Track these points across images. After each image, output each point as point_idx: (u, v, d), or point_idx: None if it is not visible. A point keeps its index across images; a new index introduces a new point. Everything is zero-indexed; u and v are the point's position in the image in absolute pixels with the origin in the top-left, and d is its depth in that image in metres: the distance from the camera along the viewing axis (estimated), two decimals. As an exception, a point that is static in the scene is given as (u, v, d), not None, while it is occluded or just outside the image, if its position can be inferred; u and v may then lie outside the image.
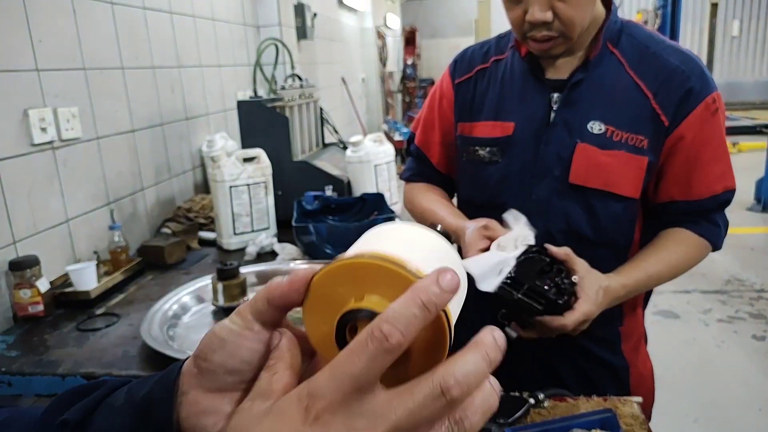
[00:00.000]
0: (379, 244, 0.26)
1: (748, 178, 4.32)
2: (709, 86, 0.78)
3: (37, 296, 1.10)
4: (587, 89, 0.80)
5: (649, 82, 0.78)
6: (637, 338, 0.92)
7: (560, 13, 0.74)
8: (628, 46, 0.81)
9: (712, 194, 0.81)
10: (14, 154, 1.14)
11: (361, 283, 0.25)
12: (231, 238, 1.50)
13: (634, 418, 0.73)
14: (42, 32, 1.22)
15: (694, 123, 0.78)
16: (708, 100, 0.78)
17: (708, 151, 0.80)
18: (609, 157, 0.79)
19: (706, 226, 0.84)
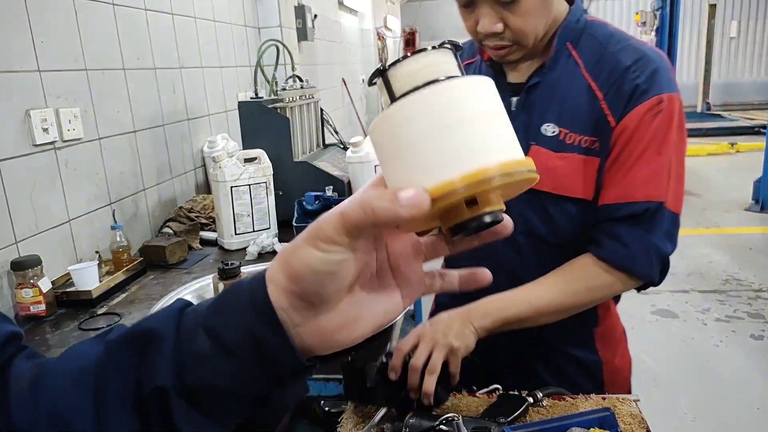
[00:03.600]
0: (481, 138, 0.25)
1: (745, 178, 4.34)
2: (658, 86, 0.74)
3: (39, 296, 1.10)
4: (542, 92, 0.79)
5: (602, 83, 0.76)
6: (616, 336, 0.92)
7: (510, 24, 0.73)
8: (588, 46, 0.79)
9: (628, 200, 0.74)
10: (16, 154, 1.14)
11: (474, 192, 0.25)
12: (232, 238, 1.51)
13: (633, 417, 0.73)
14: (44, 33, 1.22)
15: (633, 120, 0.74)
16: (653, 100, 0.74)
17: (637, 152, 0.74)
18: (561, 159, 0.77)
19: (609, 244, 0.75)
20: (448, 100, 0.25)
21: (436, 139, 0.24)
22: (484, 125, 0.25)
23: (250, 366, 0.27)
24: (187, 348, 0.27)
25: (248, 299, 0.27)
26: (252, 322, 0.26)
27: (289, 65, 2.03)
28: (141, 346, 0.28)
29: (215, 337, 0.27)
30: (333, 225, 0.25)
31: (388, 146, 0.26)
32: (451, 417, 0.67)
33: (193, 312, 0.29)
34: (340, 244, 0.25)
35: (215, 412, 0.28)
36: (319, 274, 0.25)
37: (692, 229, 3.74)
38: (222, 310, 0.28)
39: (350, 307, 0.28)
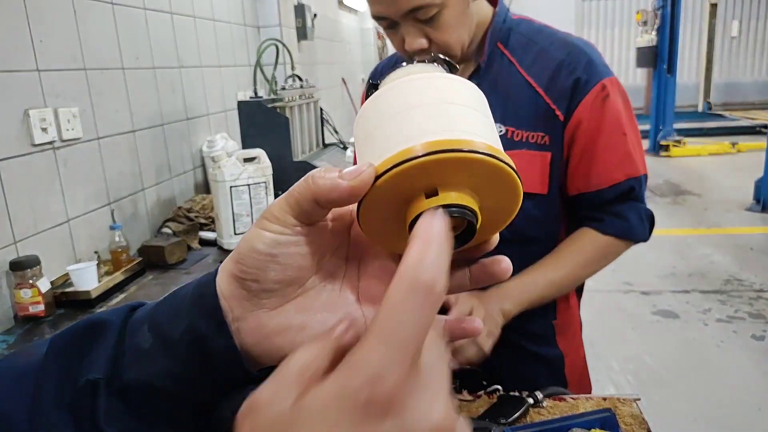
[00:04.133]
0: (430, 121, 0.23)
1: (747, 178, 4.33)
2: (596, 74, 0.78)
3: (38, 296, 1.10)
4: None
5: (539, 79, 0.79)
6: (573, 329, 0.93)
7: (434, 39, 0.75)
8: (517, 43, 0.81)
9: (612, 183, 0.80)
10: (15, 154, 1.14)
11: (432, 176, 0.23)
12: (231, 238, 1.51)
13: (634, 418, 0.73)
14: (43, 32, 1.22)
15: (584, 112, 0.78)
16: (597, 87, 0.78)
17: (602, 138, 0.79)
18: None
19: (610, 221, 0.82)
20: (409, 88, 0.25)
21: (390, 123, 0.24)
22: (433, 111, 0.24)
23: (189, 364, 0.25)
24: (128, 342, 0.26)
25: (194, 291, 0.26)
26: (194, 316, 0.25)
27: (289, 65, 2.02)
28: (85, 338, 0.27)
29: (157, 331, 0.25)
30: (279, 203, 0.24)
31: (357, 141, 0.26)
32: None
33: (144, 308, 0.27)
34: (284, 222, 0.24)
35: (146, 413, 0.26)
36: (259, 254, 0.24)
37: (693, 229, 3.73)
38: (167, 304, 0.26)
39: (297, 311, 0.25)
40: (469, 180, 0.23)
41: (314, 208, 0.23)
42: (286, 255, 0.24)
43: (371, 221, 0.25)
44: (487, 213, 0.24)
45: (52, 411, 0.25)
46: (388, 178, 0.22)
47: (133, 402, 0.25)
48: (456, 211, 0.23)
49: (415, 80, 0.25)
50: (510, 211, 0.26)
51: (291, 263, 0.24)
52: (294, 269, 0.25)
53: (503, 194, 0.24)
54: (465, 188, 0.23)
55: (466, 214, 0.23)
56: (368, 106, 0.26)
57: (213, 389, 0.26)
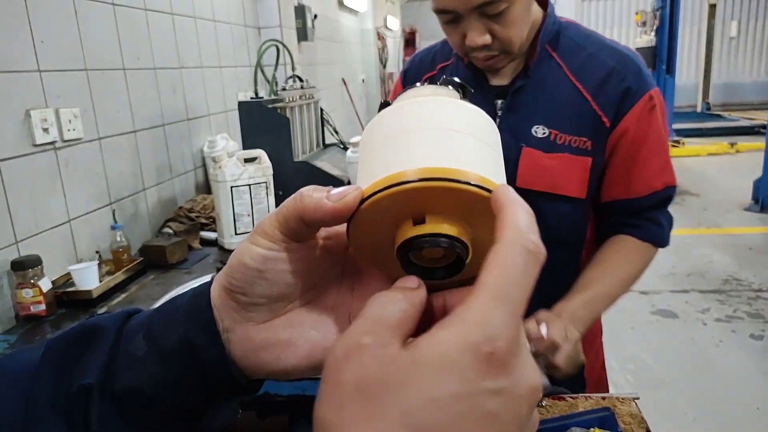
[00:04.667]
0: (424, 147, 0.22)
1: (745, 178, 4.34)
2: (645, 84, 0.80)
3: (39, 296, 1.10)
4: (529, 94, 0.82)
5: (588, 85, 0.80)
6: (594, 332, 0.94)
7: (498, 35, 0.75)
8: (566, 48, 0.82)
9: (651, 191, 0.83)
10: (16, 154, 1.14)
11: (420, 203, 0.22)
12: (232, 237, 1.51)
13: (633, 417, 0.73)
14: (44, 33, 1.22)
15: (632, 120, 0.80)
16: (645, 97, 0.79)
17: (646, 147, 0.81)
18: (553, 159, 0.81)
19: (648, 227, 0.84)
20: (409, 112, 0.24)
21: (381, 148, 0.24)
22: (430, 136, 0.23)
23: (182, 373, 0.25)
24: (123, 348, 0.26)
25: (188, 301, 0.26)
26: (188, 325, 0.25)
27: (289, 65, 2.03)
28: (81, 343, 0.27)
29: (151, 339, 0.26)
30: (269, 219, 0.24)
31: (359, 161, 0.26)
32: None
33: (140, 315, 0.28)
34: (272, 238, 0.24)
35: (138, 420, 0.26)
36: (247, 268, 0.24)
37: (692, 229, 3.74)
38: (163, 313, 0.27)
39: (285, 327, 0.25)
40: (460, 210, 0.22)
41: (301, 227, 0.23)
42: (273, 271, 0.24)
43: (361, 242, 0.24)
44: (481, 246, 0.23)
45: (46, 415, 0.25)
46: (372, 202, 0.22)
47: (126, 408, 0.25)
48: (444, 241, 0.22)
49: (419, 103, 0.25)
50: None
51: (278, 279, 0.24)
52: (281, 285, 0.25)
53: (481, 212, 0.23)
54: (456, 218, 0.22)
55: (456, 246, 0.22)
56: (370, 127, 0.26)
57: (204, 398, 0.26)
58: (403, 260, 0.23)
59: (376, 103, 6.17)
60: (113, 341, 0.26)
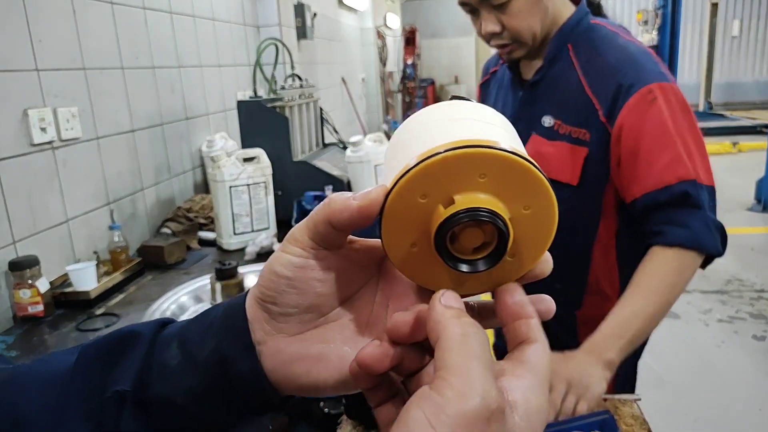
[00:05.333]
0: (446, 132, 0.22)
1: (748, 178, 4.32)
2: (644, 78, 0.80)
3: (37, 296, 1.10)
4: (543, 88, 0.90)
5: (592, 82, 0.84)
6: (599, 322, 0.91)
7: (506, 25, 0.84)
8: (583, 48, 0.87)
9: (664, 185, 0.79)
10: (14, 154, 1.14)
11: (447, 182, 0.21)
12: (231, 238, 1.51)
13: (635, 419, 0.73)
14: (42, 32, 1.22)
15: (626, 115, 0.80)
16: (643, 90, 0.79)
17: (646, 140, 0.79)
18: (552, 147, 0.87)
19: (671, 230, 0.79)
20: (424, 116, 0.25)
21: (403, 148, 0.23)
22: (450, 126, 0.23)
23: (213, 384, 0.25)
24: (157, 357, 0.26)
25: (224, 312, 0.26)
26: (222, 337, 0.25)
27: (289, 64, 2.02)
28: (116, 350, 0.27)
29: (185, 349, 0.26)
30: (299, 227, 0.25)
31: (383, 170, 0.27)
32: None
33: (175, 325, 0.28)
34: (302, 245, 0.24)
35: (166, 429, 0.26)
36: (277, 276, 0.24)
37: (694, 228, 3.73)
38: (198, 324, 0.27)
39: (316, 341, 0.25)
40: (487, 183, 0.21)
41: (330, 231, 0.23)
42: (303, 279, 0.24)
43: (395, 246, 0.23)
44: (520, 224, 0.22)
45: (77, 421, 0.26)
46: (398, 190, 0.21)
47: (156, 418, 0.26)
48: (480, 214, 0.21)
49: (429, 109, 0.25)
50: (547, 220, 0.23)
51: (308, 289, 0.24)
52: (311, 295, 0.25)
53: (532, 199, 0.22)
54: (485, 191, 0.21)
55: (492, 218, 0.21)
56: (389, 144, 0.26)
57: (235, 412, 0.26)
58: (444, 253, 0.22)
59: (376, 102, 6.17)
60: (147, 349, 0.26)
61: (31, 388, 0.27)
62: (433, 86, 9.68)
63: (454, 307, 0.22)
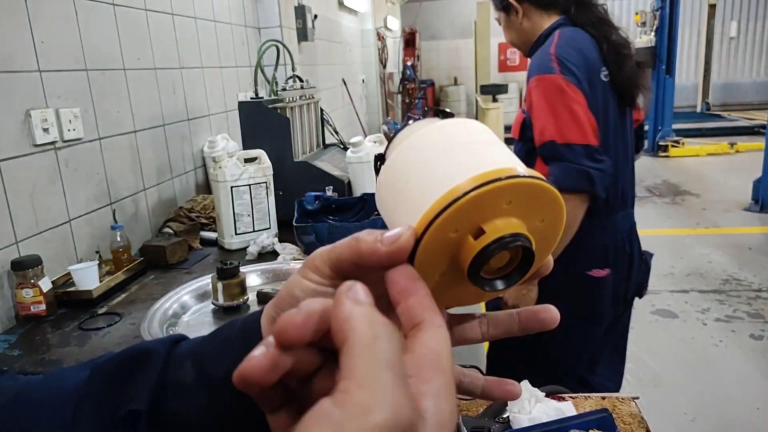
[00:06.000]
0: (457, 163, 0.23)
1: (745, 178, 4.34)
2: (533, 72, 1.18)
3: (39, 296, 1.10)
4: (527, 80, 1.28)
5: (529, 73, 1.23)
6: None
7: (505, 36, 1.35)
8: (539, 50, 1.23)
9: (541, 141, 1.15)
10: (16, 154, 1.15)
11: (475, 216, 0.22)
12: (232, 238, 1.51)
13: (633, 417, 0.74)
14: (44, 33, 1.22)
15: (527, 96, 1.21)
16: (531, 81, 1.17)
17: (533, 113, 1.18)
18: (517, 115, 1.29)
19: (550, 173, 1.14)
20: (422, 143, 0.25)
21: (416, 180, 0.24)
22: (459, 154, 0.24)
23: (230, 403, 0.24)
24: (172, 375, 0.26)
25: (240, 330, 0.26)
26: (238, 354, 0.24)
27: (289, 65, 2.03)
28: (129, 368, 0.27)
29: (200, 368, 0.25)
30: (321, 254, 0.24)
31: (384, 200, 0.26)
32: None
33: (189, 342, 0.28)
34: (321, 273, 0.24)
35: None
36: (296, 300, 0.24)
37: (692, 228, 3.74)
38: (213, 341, 0.26)
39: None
40: (511, 208, 0.23)
41: (354, 269, 0.23)
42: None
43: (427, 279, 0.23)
44: (535, 234, 0.24)
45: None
46: (431, 234, 0.22)
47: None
48: (510, 240, 0.22)
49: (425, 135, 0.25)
50: (556, 227, 0.25)
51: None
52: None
53: (547, 212, 0.24)
54: (509, 216, 0.23)
55: (521, 240, 0.23)
56: (386, 172, 0.26)
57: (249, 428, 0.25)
58: (476, 279, 0.23)
59: (376, 103, 6.17)
60: (162, 367, 0.26)
61: (42, 406, 0.26)
62: (433, 87, 9.69)
63: (364, 303, 0.19)
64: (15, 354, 1.00)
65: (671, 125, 6.19)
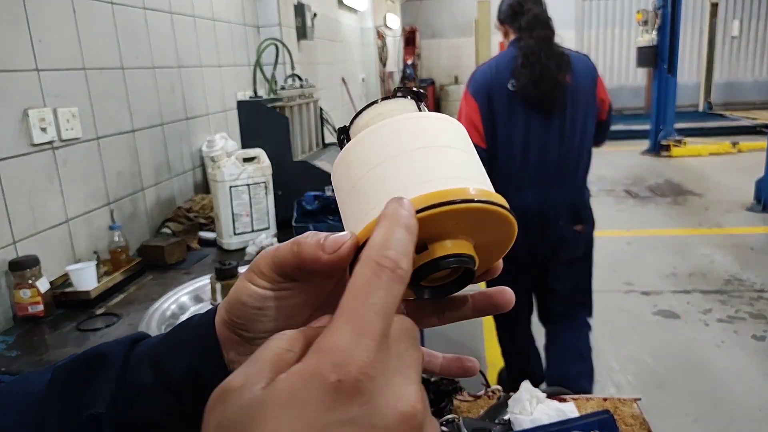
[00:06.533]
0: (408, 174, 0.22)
1: (747, 178, 4.32)
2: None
3: (37, 296, 1.10)
4: None
5: None
6: None
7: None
8: None
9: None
10: (14, 154, 1.14)
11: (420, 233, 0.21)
12: (231, 238, 1.51)
13: (635, 418, 0.73)
14: (42, 32, 1.22)
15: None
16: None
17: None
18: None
19: None
20: (388, 136, 0.24)
21: (371, 177, 0.23)
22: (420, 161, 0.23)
23: (190, 402, 0.25)
24: (130, 377, 0.26)
25: (195, 332, 0.26)
26: (195, 356, 0.25)
27: (289, 64, 2.02)
28: (87, 370, 0.27)
29: (158, 369, 0.26)
30: (265, 258, 0.24)
31: (339, 194, 0.25)
32: (451, 418, 0.67)
33: (145, 343, 0.28)
34: (268, 279, 0.24)
35: None
36: (246, 306, 0.24)
37: (694, 229, 3.73)
38: (169, 342, 0.27)
39: None
40: (462, 226, 0.23)
41: (297, 273, 0.24)
42: (273, 308, 0.24)
43: None
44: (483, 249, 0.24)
45: None
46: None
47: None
48: (453, 261, 0.22)
49: (389, 126, 0.24)
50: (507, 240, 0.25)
51: (279, 314, 0.25)
52: (284, 318, 0.25)
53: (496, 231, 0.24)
54: (458, 234, 0.23)
55: (464, 261, 0.23)
56: (344, 156, 0.25)
57: None
58: (414, 287, 0.23)
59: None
60: (120, 369, 0.26)
61: (8, 408, 0.27)
62: (433, 86, 9.68)
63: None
64: (13, 355, 0.99)
65: (673, 124, 6.17)
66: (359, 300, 0.18)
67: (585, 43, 9.04)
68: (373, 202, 0.22)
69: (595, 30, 9.04)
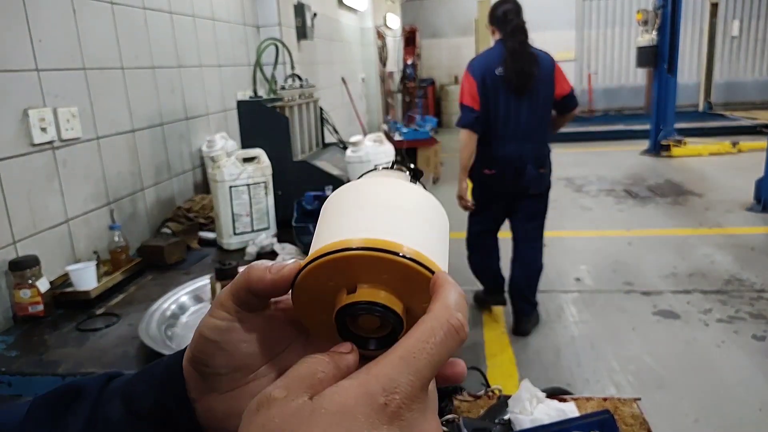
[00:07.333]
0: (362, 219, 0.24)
1: (747, 178, 4.32)
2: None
3: (37, 296, 1.10)
4: None
5: None
6: None
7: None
8: None
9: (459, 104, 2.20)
10: (14, 154, 1.14)
11: (356, 273, 0.23)
12: (231, 238, 1.50)
13: (635, 418, 0.73)
14: (42, 32, 1.22)
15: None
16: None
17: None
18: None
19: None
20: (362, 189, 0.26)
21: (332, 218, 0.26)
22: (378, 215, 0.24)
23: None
24: (101, 411, 0.27)
25: (165, 369, 0.28)
26: (162, 393, 0.27)
27: (289, 64, 2.02)
28: (63, 405, 0.28)
29: (128, 403, 0.27)
30: (225, 291, 0.26)
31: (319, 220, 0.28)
32: (451, 418, 0.67)
33: (120, 379, 0.29)
34: (227, 309, 0.26)
35: None
36: (206, 340, 0.26)
37: (694, 229, 3.73)
38: (141, 378, 0.28)
39: (248, 397, 0.25)
40: (395, 282, 0.23)
41: (250, 297, 0.25)
42: (230, 342, 0.26)
43: (306, 311, 0.26)
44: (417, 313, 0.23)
45: None
46: (306, 273, 0.24)
47: None
48: (377, 310, 0.23)
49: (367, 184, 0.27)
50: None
51: (236, 350, 0.26)
52: (240, 355, 0.26)
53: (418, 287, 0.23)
54: (391, 290, 0.23)
55: (388, 315, 0.23)
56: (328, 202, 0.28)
57: None
58: (341, 328, 0.24)
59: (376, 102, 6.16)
60: (93, 403, 0.28)
61: None
62: (433, 86, 9.68)
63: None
64: (13, 355, 0.99)
65: (673, 124, 6.17)
66: (420, 344, 0.20)
67: (585, 42, 9.04)
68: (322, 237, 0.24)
69: (595, 30, 9.03)
